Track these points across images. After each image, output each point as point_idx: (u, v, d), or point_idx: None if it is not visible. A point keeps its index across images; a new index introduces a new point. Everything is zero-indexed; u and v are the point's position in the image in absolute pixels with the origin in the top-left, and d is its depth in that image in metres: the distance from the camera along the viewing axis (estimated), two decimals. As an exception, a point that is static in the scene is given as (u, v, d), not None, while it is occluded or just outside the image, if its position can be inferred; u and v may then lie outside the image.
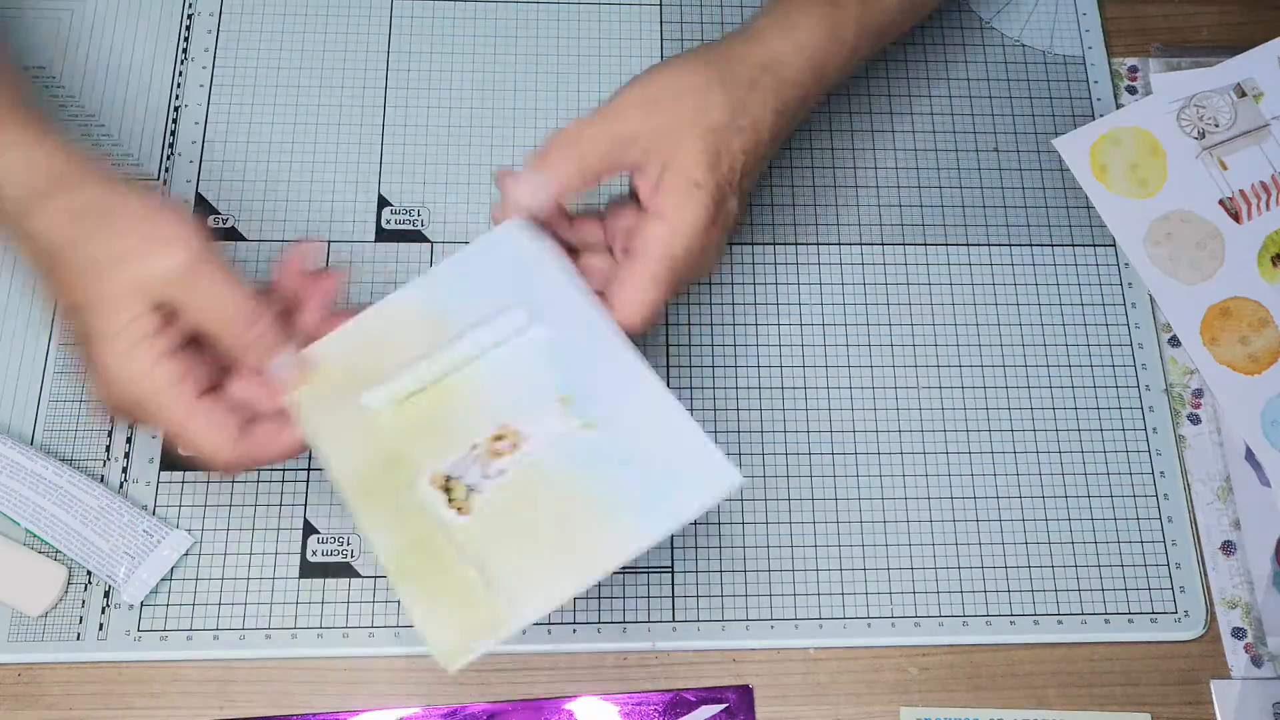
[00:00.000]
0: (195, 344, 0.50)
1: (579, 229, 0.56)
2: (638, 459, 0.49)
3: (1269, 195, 0.68)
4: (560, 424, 0.50)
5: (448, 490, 0.49)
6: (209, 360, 0.50)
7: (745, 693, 0.58)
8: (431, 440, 0.50)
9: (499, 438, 0.50)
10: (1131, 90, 0.72)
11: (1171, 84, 0.71)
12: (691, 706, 0.57)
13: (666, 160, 0.53)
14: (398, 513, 0.49)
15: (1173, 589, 0.61)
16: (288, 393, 0.51)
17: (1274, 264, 0.67)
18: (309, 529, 0.60)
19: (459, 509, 0.49)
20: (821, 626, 0.59)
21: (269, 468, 0.61)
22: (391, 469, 0.50)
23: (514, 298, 0.52)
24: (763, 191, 0.68)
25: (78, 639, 0.57)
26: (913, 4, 0.64)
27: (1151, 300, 0.67)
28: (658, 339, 0.64)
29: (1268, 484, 0.63)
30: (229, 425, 0.49)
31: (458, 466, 0.49)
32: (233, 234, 0.66)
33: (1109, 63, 0.73)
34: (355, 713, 0.56)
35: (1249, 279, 0.66)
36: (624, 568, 0.59)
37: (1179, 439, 0.64)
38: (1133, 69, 0.73)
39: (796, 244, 0.67)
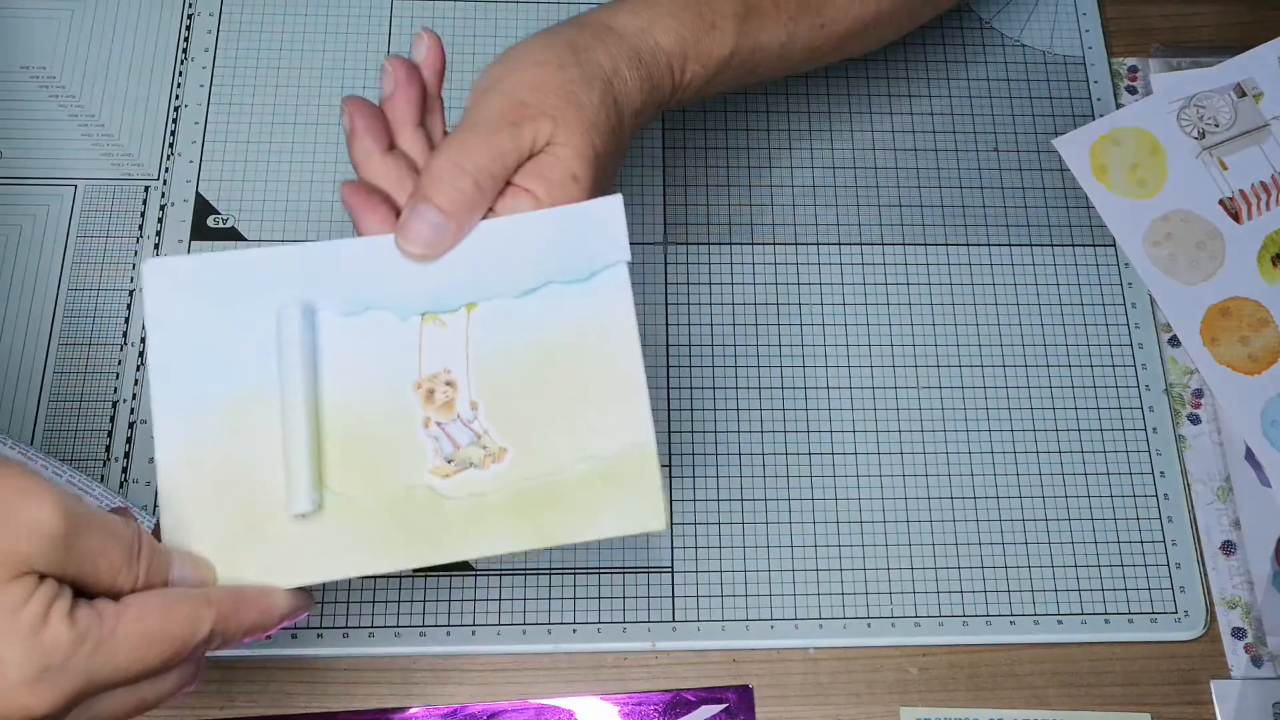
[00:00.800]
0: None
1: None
2: (536, 277, 0.46)
3: (1269, 195, 0.68)
4: (455, 332, 0.45)
5: (462, 463, 0.44)
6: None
7: (745, 693, 0.58)
8: (390, 466, 0.44)
9: (429, 392, 0.45)
10: (1131, 90, 0.72)
11: (1171, 84, 0.71)
12: (691, 706, 0.57)
13: (539, 148, 0.48)
14: (477, 519, 0.44)
15: (1173, 589, 0.61)
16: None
17: (1274, 264, 0.67)
18: (309, 529, 0.60)
19: (487, 463, 0.44)
20: (821, 626, 0.59)
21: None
22: (405, 513, 0.44)
23: (259, 310, 0.45)
24: (763, 191, 0.68)
25: (78, 639, 0.57)
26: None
27: (1151, 300, 0.67)
28: (658, 339, 0.64)
29: (1268, 484, 0.63)
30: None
31: (438, 447, 0.44)
32: (233, 234, 0.66)
33: (1109, 63, 0.73)
34: (355, 713, 0.56)
35: (1249, 279, 0.66)
36: (624, 567, 0.59)
37: (1179, 439, 0.64)
38: (1133, 69, 0.73)
39: (796, 244, 0.67)
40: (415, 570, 0.59)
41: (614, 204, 0.46)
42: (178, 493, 0.44)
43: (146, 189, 0.67)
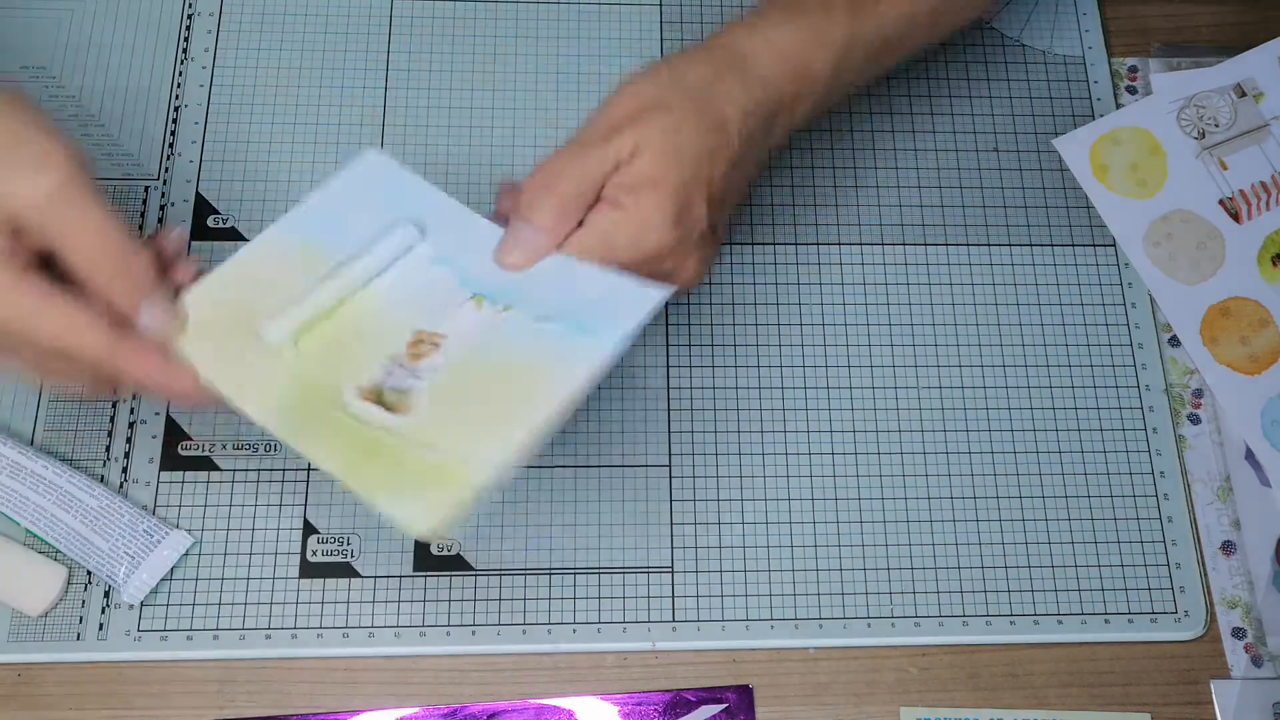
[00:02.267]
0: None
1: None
2: (557, 313, 0.50)
3: (1269, 195, 0.68)
4: (477, 316, 0.51)
5: (380, 401, 0.49)
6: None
7: (745, 693, 0.58)
8: (345, 362, 0.50)
9: (417, 342, 0.50)
10: (1131, 90, 0.72)
11: (1171, 84, 0.71)
12: (691, 706, 0.57)
13: (625, 158, 0.51)
14: (337, 433, 0.48)
15: (1173, 589, 0.61)
16: (162, 342, 0.48)
17: (1274, 264, 0.67)
18: (309, 529, 0.60)
19: (397, 410, 0.48)
20: (821, 626, 0.59)
21: (269, 467, 0.61)
22: (312, 398, 0.49)
23: (392, 219, 0.52)
24: (763, 191, 0.68)
25: (78, 639, 0.57)
26: (924, 17, 0.60)
27: (1151, 300, 0.67)
28: (658, 339, 0.64)
29: (1268, 484, 0.63)
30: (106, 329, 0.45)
31: (382, 378, 0.49)
32: (233, 234, 0.66)
33: (1109, 63, 0.73)
34: (355, 713, 0.57)
35: (1249, 279, 0.66)
36: (624, 567, 0.59)
37: (1179, 439, 0.64)
38: (1133, 69, 0.73)
39: (796, 244, 0.67)
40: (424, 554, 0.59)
41: (652, 296, 0.50)
42: (219, 278, 0.51)
43: (146, 189, 0.67)
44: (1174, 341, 0.66)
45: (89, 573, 0.58)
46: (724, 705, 0.57)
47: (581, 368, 0.49)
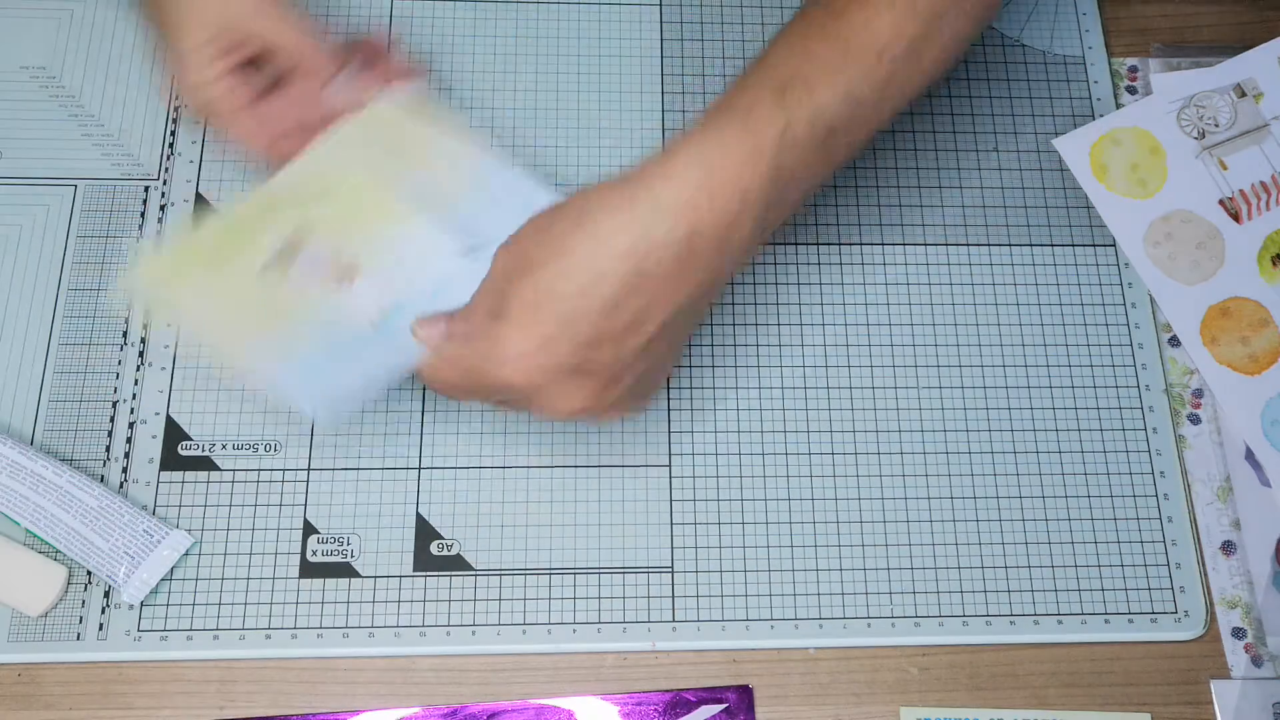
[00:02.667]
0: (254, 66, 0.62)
1: None
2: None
3: (1269, 195, 0.68)
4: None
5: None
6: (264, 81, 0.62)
7: (745, 693, 0.58)
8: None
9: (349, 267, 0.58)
10: (1131, 90, 0.72)
11: (1171, 84, 0.71)
12: (691, 706, 0.57)
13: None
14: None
15: (1173, 589, 0.61)
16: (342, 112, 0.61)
17: (1274, 264, 0.67)
18: (309, 529, 0.60)
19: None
20: (821, 626, 0.59)
21: (269, 467, 0.61)
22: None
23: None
24: (763, 191, 0.68)
25: (78, 639, 0.57)
26: (891, 90, 0.54)
27: (1151, 300, 0.67)
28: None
29: (1268, 484, 0.63)
30: (264, 130, 0.61)
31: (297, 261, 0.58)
32: (233, 234, 0.66)
33: (1109, 63, 0.73)
34: (355, 713, 0.57)
35: (1249, 279, 0.66)
36: (624, 567, 0.59)
37: (1179, 439, 0.64)
38: (1133, 69, 0.73)
39: (796, 244, 0.67)
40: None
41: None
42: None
43: (146, 189, 0.67)
44: (1174, 341, 0.66)
45: (89, 573, 0.58)
46: (724, 705, 0.57)
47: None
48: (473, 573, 0.59)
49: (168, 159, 0.67)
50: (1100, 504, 0.62)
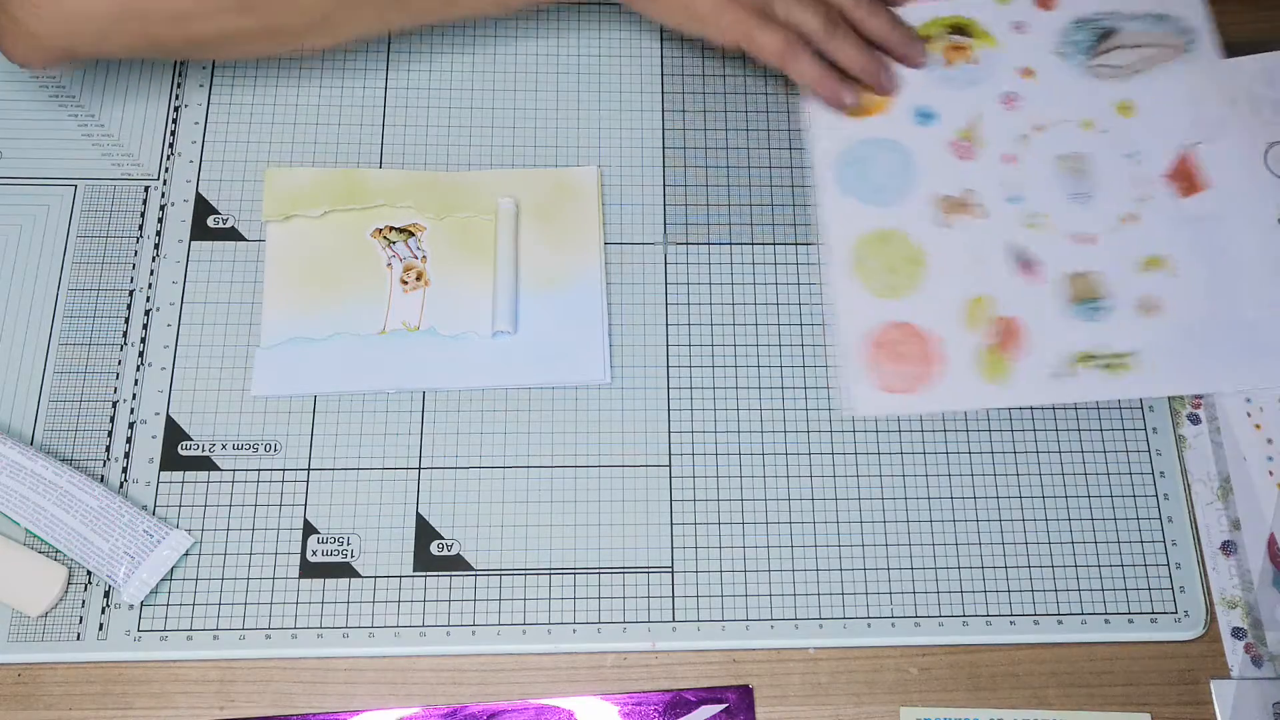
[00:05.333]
0: None
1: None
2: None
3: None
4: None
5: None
6: None
7: (745, 693, 0.58)
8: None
9: (408, 267, 0.65)
10: (1131, 90, 0.72)
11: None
12: (691, 706, 0.57)
13: None
14: None
15: (1173, 589, 0.61)
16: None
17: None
18: (309, 529, 0.60)
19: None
20: (821, 626, 0.59)
21: (269, 467, 0.61)
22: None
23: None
24: (763, 191, 0.68)
25: (78, 639, 0.57)
26: None
27: (1152, 300, 0.67)
28: (658, 339, 0.64)
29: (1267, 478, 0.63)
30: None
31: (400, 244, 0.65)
32: (233, 234, 0.66)
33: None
34: (355, 713, 0.57)
35: None
36: (624, 567, 0.59)
37: (1179, 439, 0.64)
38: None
39: (796, 244, 0.67)
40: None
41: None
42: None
43: (146, 189, 0.67)
44: (1174, 341, 0.66)
45: (89, 573, 0.58)
46: (724, 705, 0.57)
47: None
48: (473, 573, 0.59)
49: (168, 159, 0.67)
50: (1100, 504, 0.62)
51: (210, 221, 0.66)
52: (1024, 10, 0.72)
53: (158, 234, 0.66)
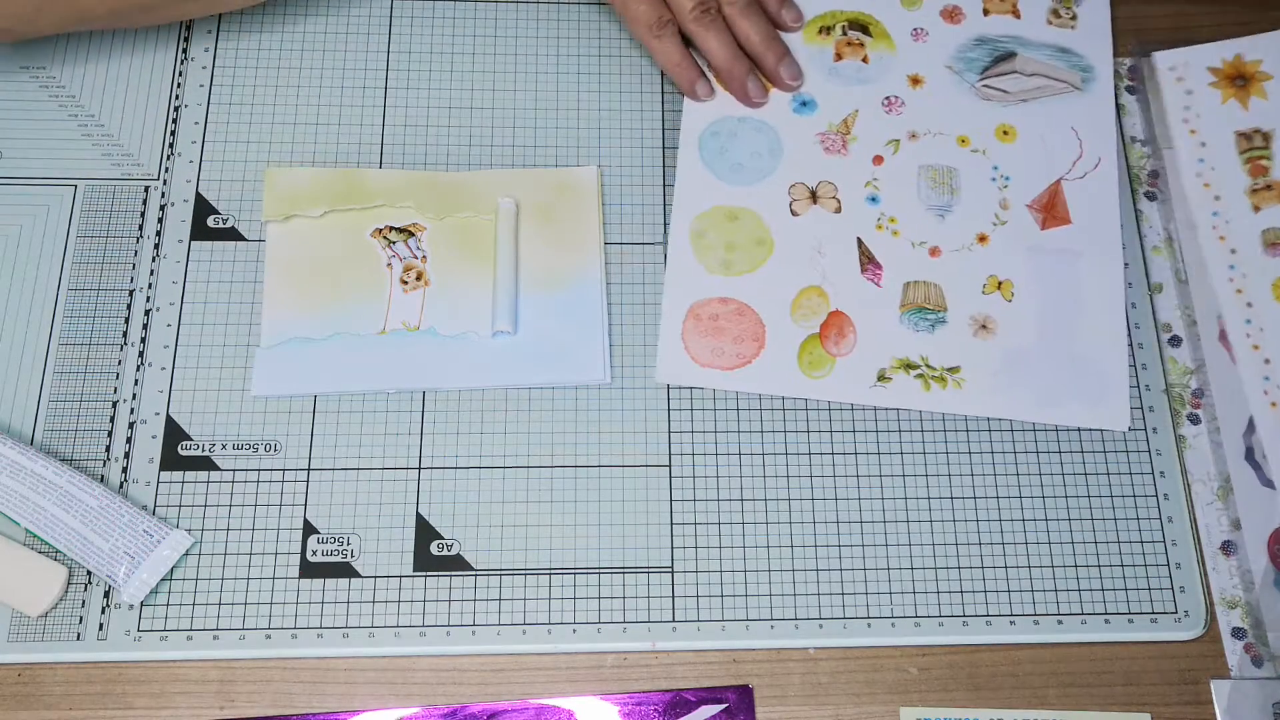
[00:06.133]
0: None
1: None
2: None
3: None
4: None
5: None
6: None
7: (745, 693, 0.58)
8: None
9: (409, 267, 0.65)
10: (1132, 90, 0.72)
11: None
12: (691, 706, 0.57)
13: None
14: None
15: (1173, 589, 0.61)
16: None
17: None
18: (309, 529, 0.60)
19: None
20: (821, 626, 0.59)
21: (269, 467, 0.61)
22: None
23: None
24: (763, 191, 0.68)
25: (78, 639, 0.57)
26: None
27: (1151, 300, 0.67)
28: (658, 339, 0.64)
29: (1268, 484, 0.63)
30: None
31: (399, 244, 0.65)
32: (233, 234, 0.66)
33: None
34: (355, 713, 0.57)
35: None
36: (624, 567, 0.59)
37: (1179, 439, 0.64)
38: (1133, 69, 0.73)
39: (796, 244, 0.67)
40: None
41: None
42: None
43: (146, 189, 0.67)
44: (1174, 341, 0.66)
45: (89, 573, 0.58)
46: (724, 705, 0.57)
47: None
48: (473, 573, 0.59)
49: (168, 159, 0.67)
50: (1100, 504, 0.62)
51: (210, 221, 0.66)
52: (929, 19, 0.72)
53: (158, 234, 0.66)
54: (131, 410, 0.62)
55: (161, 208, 0.66)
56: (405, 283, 0.64)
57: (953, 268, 0.66)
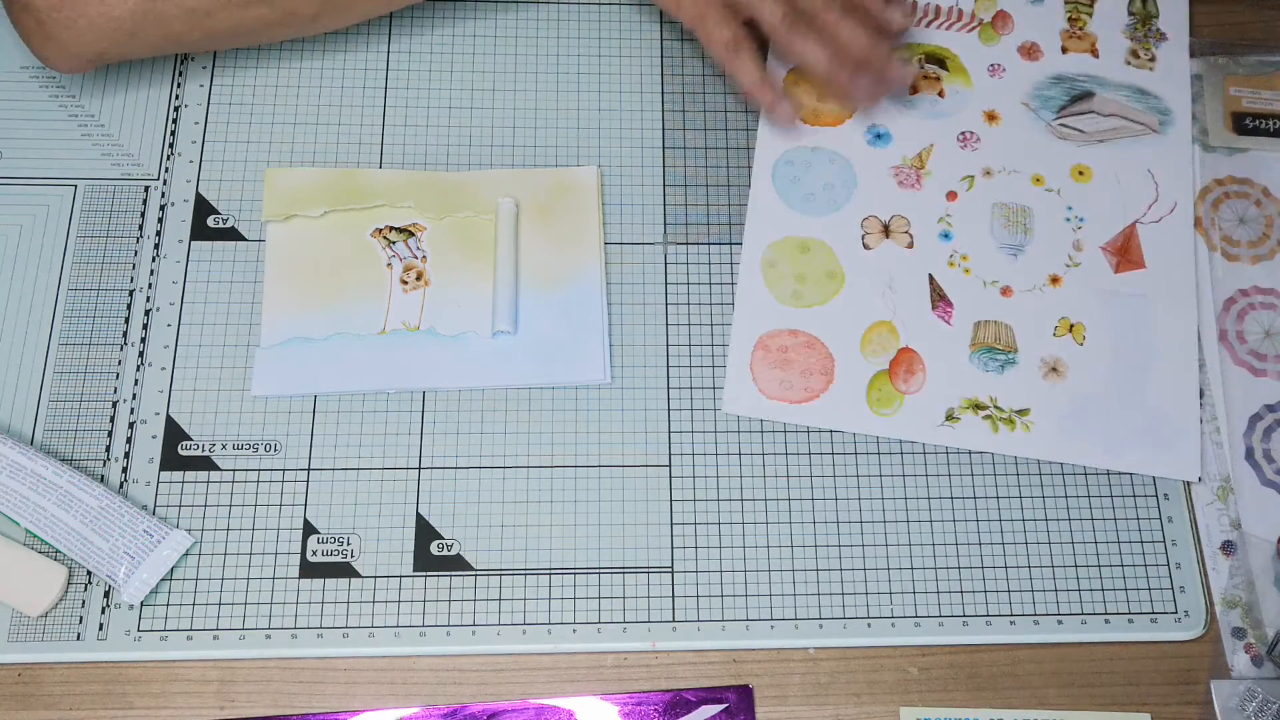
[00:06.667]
0: None
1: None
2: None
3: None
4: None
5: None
6: None
7: (745, 693, 0.58)
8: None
9: (409, 267, 0.65)
10: (1132, 90, 0.72)
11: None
12: (691, 706, 0.57)
13: None
14: None
15: (1173, 589, 0.61)
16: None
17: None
18: (309, 529, 0.60)
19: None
20: (821, 626, 0.59)
21: (269, 467, 0.61)
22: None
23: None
24: (763, 191, 0.68)
25: (78, 639, 0.57)
26: None
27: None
28: (658, 339, 0.64)
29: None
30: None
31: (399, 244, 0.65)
32: (233, 234, 0.66)
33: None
34: (355, 713, 0.57)
35: None
36: (624, 567, 0.59)
37: (1179, 439, 0.64)
38: (1133, 69, 0.73)
39: (796, 244, 0.67)
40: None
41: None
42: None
43: (146, 189, 0.67)
44: (1174, 341, 0.66)
45: (89, 573, 0.58)
46: (724, 705, 0.57)
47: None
48: (473, 573, 0.59)
49: (168, 159, 0.67)
50: (1100, 504, 0.62)
51: (210, 221, 0.66)
52: (1007, 55, 0.71)
53: (158, 234, 0.66)
54: (131, 410, 0.62)
55: (161, 208, 0.66)
56: (405, 283, 0.64)
57: (1024, 308, 0.65)
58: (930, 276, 0.65)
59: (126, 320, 0.64)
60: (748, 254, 0.66)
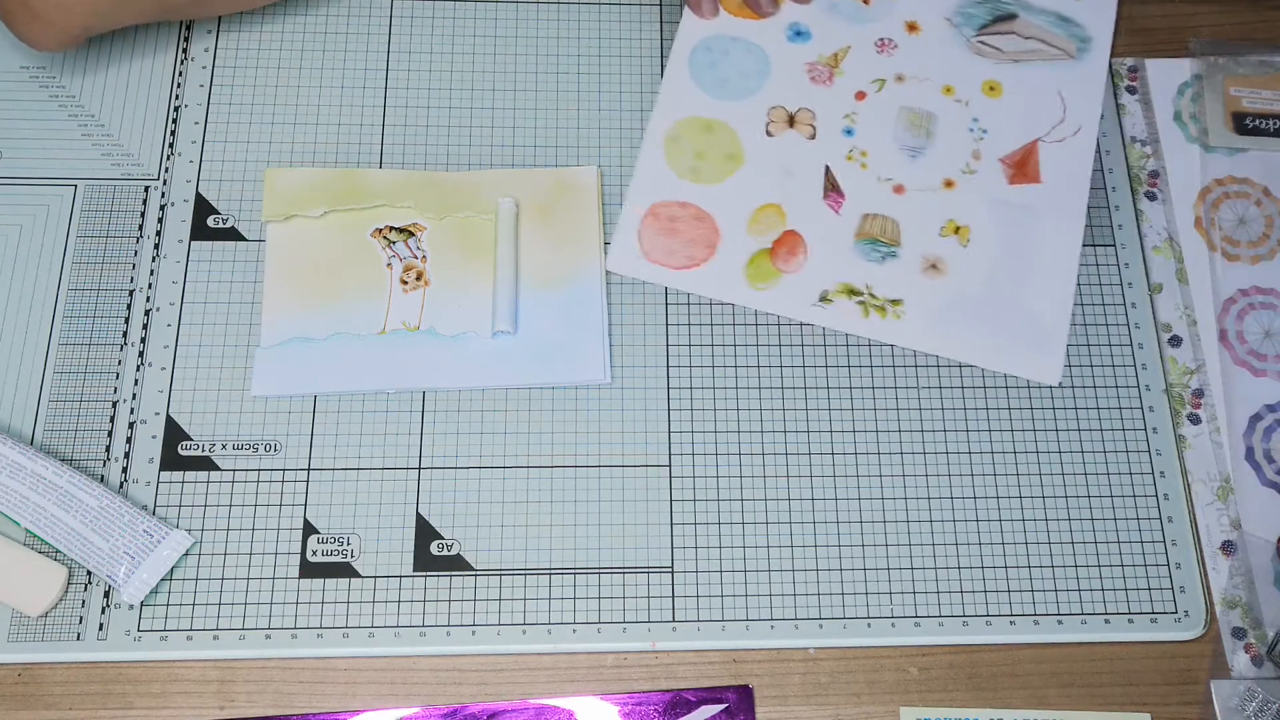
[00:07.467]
0: None
1: None
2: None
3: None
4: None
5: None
6: None
7: (745, 693, 0.58)
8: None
9: (409, 267, 0.65)
10: (1131, 90, 0.72)
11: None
12: (691, 706, 0.57)
13: None
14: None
15: (1173, 589, 0.61)
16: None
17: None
18: (309, 529, 0.60)
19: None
20: (821, 626, 0.59)
21: (269, 467, 0.61)
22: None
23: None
24: (763, 191, 0.68)
25: (78, 639, 0.57)
26: None
27: (1151, 300, 0.67)
28: (658, 339, 0.64)
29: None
30: None
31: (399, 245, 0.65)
32: (233, 234, 0.66)
33: (1109, 63, 0.73)
34: (355, 713, 0.57)
35: None
36: (624, 567, 0.59)
37: (1179, 439, 0.64)
38: (1133, 69, 0.73)
39: (796, 244, 0.67)
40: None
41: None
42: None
43: (146, 189, 0.67)
44: (1174, 341, 0.66)
45: (89, 573, 0.58)
46: (724, 705, 0.57)
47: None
48: (473, 573, 0.59)
49: (168, 159, 0.67)
50: (1100, 504, 0.62)
51: (210, 221, 0.66)
52: None
53: (158, 234, 0.66)
54: (131, 410, 0.62)
55: (161, 208, 0.66)
56: (405, 283, 0.64)
57: (914, 206, 0.67)
58: (827, 167, 0.67)
59: (126, 320, 0.64)
60: (653, 127, 0.68)
